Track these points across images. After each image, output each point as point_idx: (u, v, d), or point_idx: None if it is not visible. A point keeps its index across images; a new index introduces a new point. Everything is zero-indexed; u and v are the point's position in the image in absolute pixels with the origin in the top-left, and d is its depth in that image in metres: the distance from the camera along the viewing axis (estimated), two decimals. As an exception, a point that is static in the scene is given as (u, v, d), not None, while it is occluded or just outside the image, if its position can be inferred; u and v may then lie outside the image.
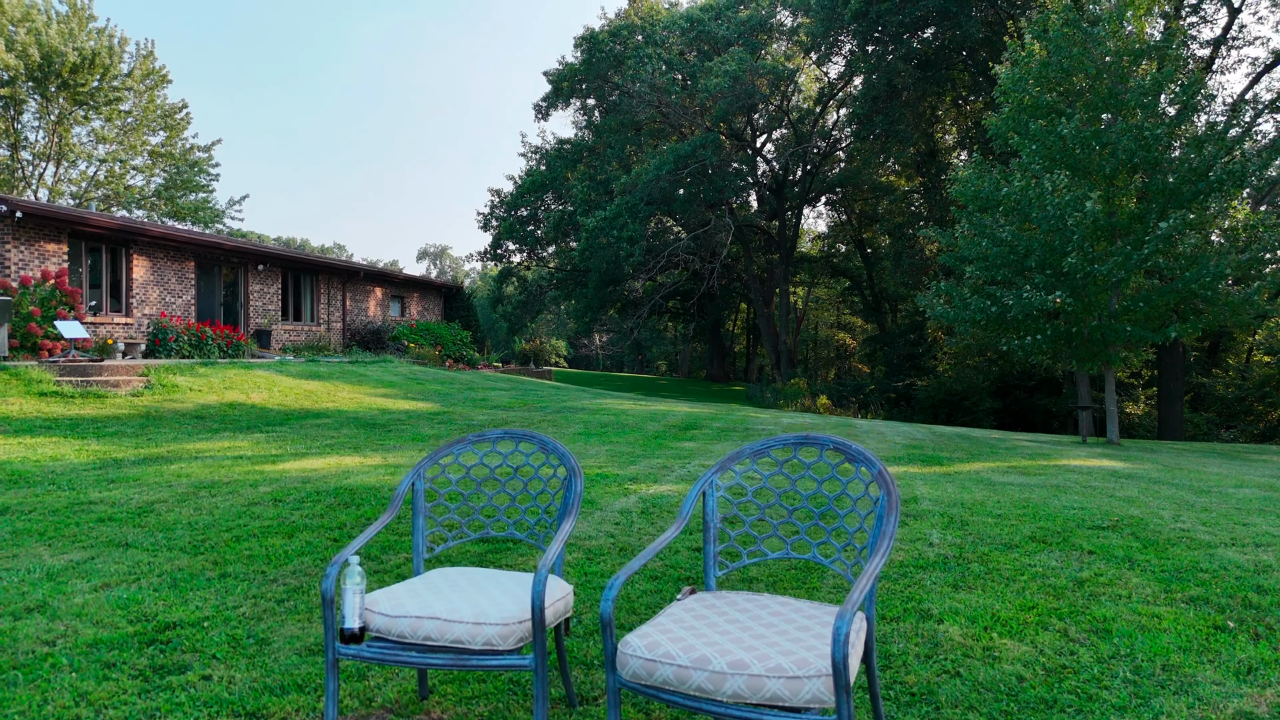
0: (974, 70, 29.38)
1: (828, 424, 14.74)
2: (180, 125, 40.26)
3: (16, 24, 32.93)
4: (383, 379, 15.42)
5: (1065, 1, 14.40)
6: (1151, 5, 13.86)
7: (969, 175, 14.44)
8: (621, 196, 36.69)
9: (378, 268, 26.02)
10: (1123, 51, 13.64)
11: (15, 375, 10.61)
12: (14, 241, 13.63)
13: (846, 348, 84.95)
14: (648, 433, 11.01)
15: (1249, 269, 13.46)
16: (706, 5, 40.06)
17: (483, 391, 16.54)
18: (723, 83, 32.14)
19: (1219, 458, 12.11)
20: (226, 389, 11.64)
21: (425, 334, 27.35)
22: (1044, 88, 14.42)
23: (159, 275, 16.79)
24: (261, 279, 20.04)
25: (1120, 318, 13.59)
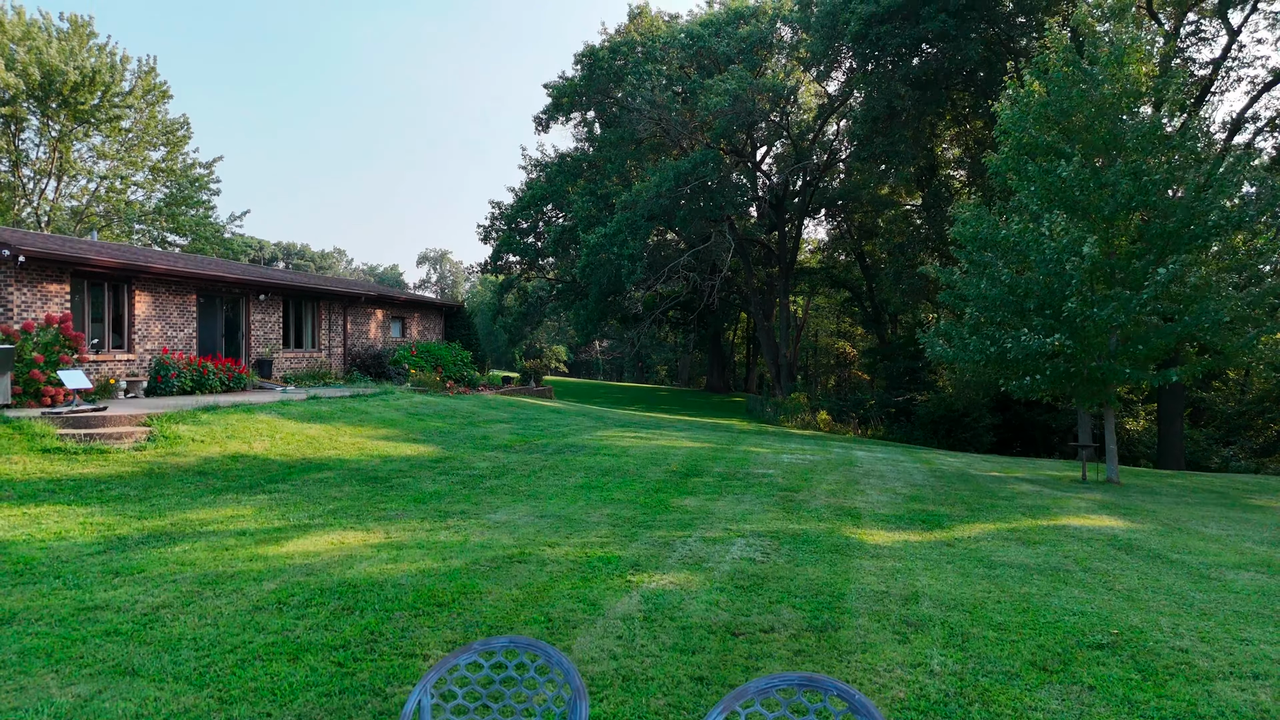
0: (974, 91, 29.45)
1: (831, 461, 14.75)
2: (181, 141, 40.34)
3: (17, 42, 32.99)
4: (384, 417, 15.45)
5: (1065, 42, 14.43)
6: (1150, 48, 13.89)
7: (967, 216, 14.48)
8: (622, 213, 36.74)
9: (379, 291, 26.07)
10: (1121, 94, 13.69)
11: (18, 429, 10.65)
12: (16, 284, 13.67)
13: (847, 356, 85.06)
14: (649, 483, 11.03)
15: (1249, 309, 13.49)
16: (707, 21, 40.14)
17: (484, 426, 16.56)
18: (723, 101, 32.20)
19: (1218, 505, 12.13)
20: (229, 438, 11.67)
21: (426, 356, 27.37)
22: (1042, 128, 14.46)
23: (161, 310, 16.83)
24: (263, 308, 20.08)
25: (1119, 358, 13.62)
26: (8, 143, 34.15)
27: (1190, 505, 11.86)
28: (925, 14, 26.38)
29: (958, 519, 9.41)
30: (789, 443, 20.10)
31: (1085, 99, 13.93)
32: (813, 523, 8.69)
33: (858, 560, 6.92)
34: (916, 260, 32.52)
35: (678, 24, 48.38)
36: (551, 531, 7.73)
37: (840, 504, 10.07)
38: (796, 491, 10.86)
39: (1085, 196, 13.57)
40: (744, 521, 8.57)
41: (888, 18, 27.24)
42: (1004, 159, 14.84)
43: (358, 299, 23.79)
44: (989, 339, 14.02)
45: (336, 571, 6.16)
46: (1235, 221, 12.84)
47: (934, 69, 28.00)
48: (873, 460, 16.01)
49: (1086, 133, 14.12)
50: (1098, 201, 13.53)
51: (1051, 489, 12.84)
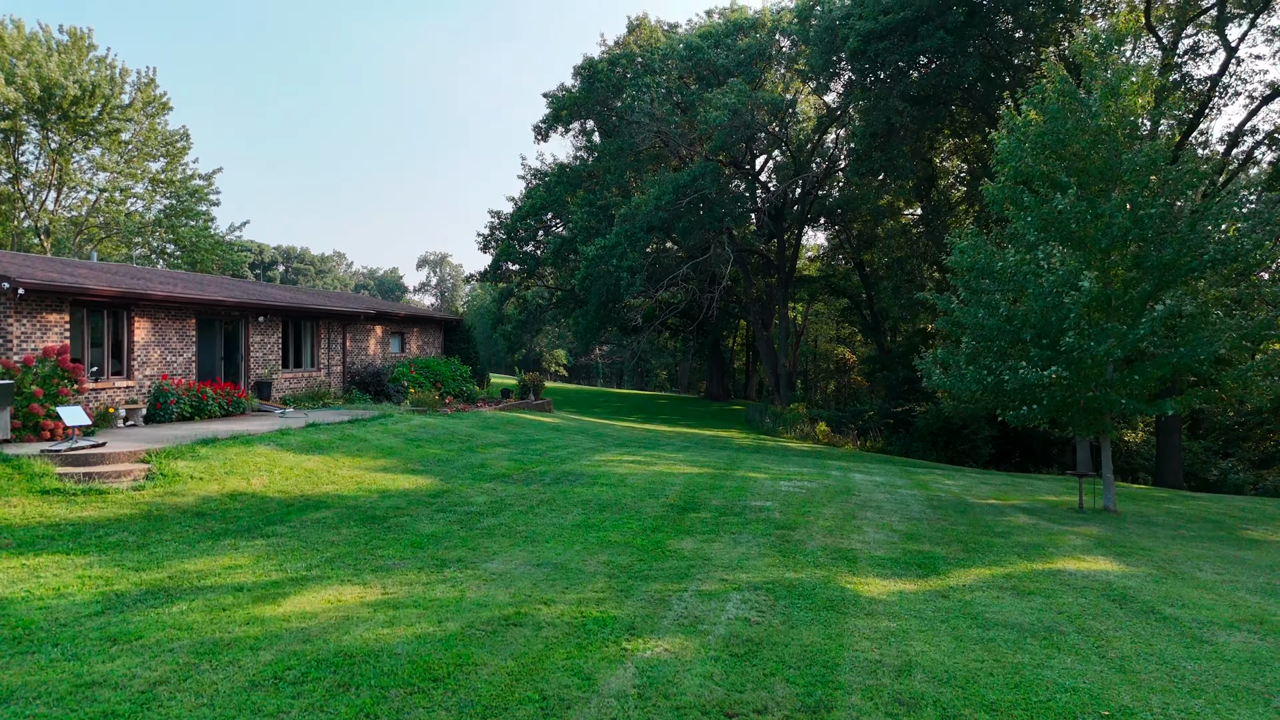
0: (971, 106, 29.50)
1: (828, 490, 14.78)
2: (180, 152, 40.41)
3: (17, 56, 33.04)
4: (382, 445, 15.48)
5: (1061, 73, 14.47)
6: (1145, 82, 13.94)
7: (965, 245, 14.53)
8: (621, 225, 36.79)
9: (378, 308, 26.11)
10: (1117, 126, 13.74)
11: (17, 468, 10.68)
12: (16, 315, 13.71)
13: (846, 362, 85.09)
14: (646, 520, 11.06)
15: (1245, 340, 13.53)
16: (705, 32, 40.21)
17: (481, 452, 16.59)
18: (722, 116, 32.26)
19: (1213, 540, 12.16)
20: (228, 474, 11.71)
21: (425, 372, 27.41)
22: (1039, 158, 14.51)
23: (160, 335, 16.87)
24: (262, 330, 20.12)
25: (1115, 387, 13.67)
26: (7, 155, 34.20)
27: (1186, 541, 11.89)
28: (924, 31, 26.44)
29: (953, 562, 9.44)
30: (787, 464, 20.11)
31: (1081, 129, 13.99)
32: (809, 570, 8.72)
33: (853, 620, 6.95)
34: (916, 274, 32.57)
35: (677, 34, 48.47)
36: (548, 585, 7.76)
37: (837, 544, 10.11)
38: (793, 529, 10.89)
39: (1081, 228, 13.62)
40: (740, 569, 8.60)
41: (886, 34, 27.30)
42: (1000, 188, 14.89)
43: (357, 317, 23.83)
44: (986, 369, 14.06)
45: (333, 637, 6.19)
46: (1231, 255, 12.88)
47: (932, 85, 28.05)
48: (870, 487, 16.04)
49: (1083, 162, 14.18)
50: (1094, 233, 13.58)
51: (1048, 521, 12.87)
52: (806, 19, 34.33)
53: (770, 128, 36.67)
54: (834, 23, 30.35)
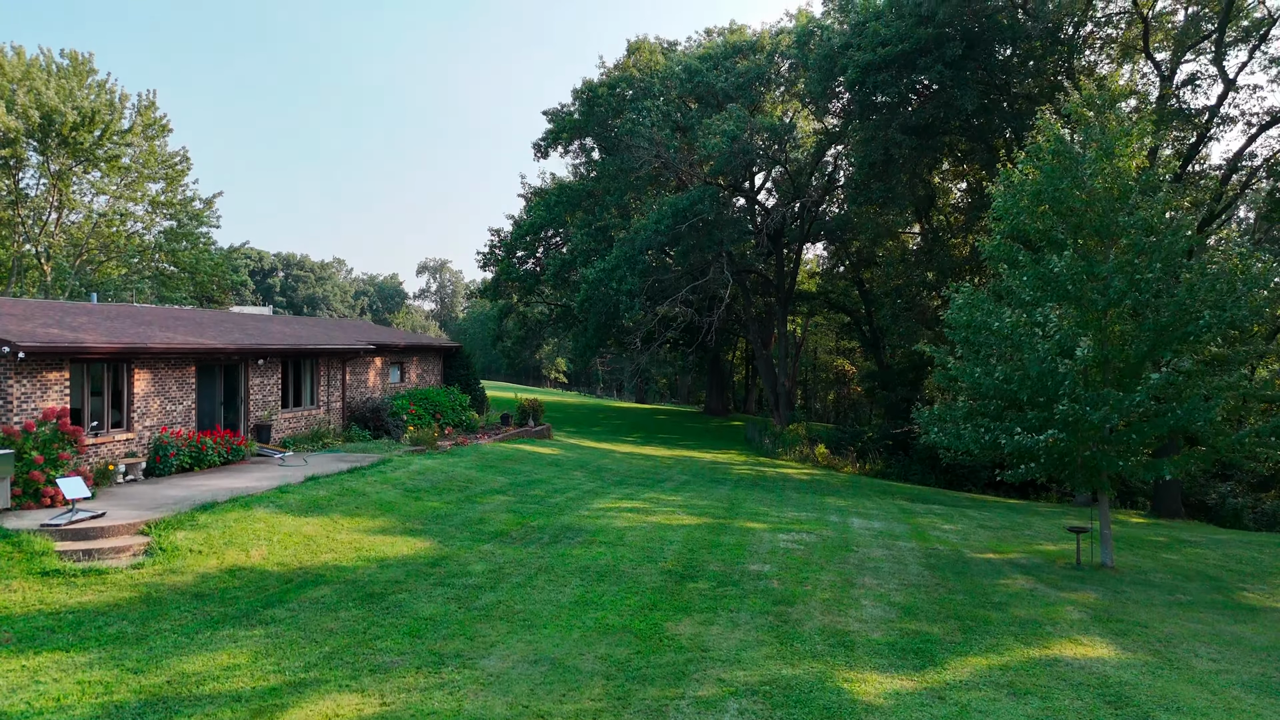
0: (969, 135, 29.59)
1: (828, 545, 14.81)
2: (179, 173, 40.48)
3: (17, 83, 33.10)
4: (381, 499, 15.51)
5: (1056, 130, 14.52)
6: (1141, 139, 13.99)
7: (961, 303, 14.56)
8: (620, 248, 36.86)
9: (379, 340, 26.15)
10: (1113, 187, 13.79)
11: (17, 546, 10.72)
12: (16, 377, 13.75)
13: (846, 373, 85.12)
14: (645, 593, 11.09)
15: (1242, 400, 13.57)
16: (705, 55, 40.28)
17: (481, 502, 16.63)
18: (721, 143, 32.34)
19: (1211, 608, 12.19)
20: (227, 545, 11.74)
21: (424, 403, 27.45)
22: (1035, 217, 14.57)
23: (160, 385, 16.91)
24: (262, 372, 20.17)
25: (1112, 443, 13.72)
26: (8, 179, 34.25)
27: (1183, 609, 11.91)
28: (922, 64, 26.52)
29: (950, 648, 9.47)
30: (786, 506, 20.11)
31: (1077, 187, 14.04)
32: (806, 662, 8.75)
33: (848, 737, 6.98)
34: (915, 301, 32.63)
35: (676, 53, 48.53)
36: (545, 691, 7.80)
37: (834, 623, 10.14)
38: (791, 605, 10.92)
39: (1078, 289, 13.67)
40: (737, 664, 8.64)
41: (884, 66, 27.38)
42: (996, 245, 14.94)
43: (357, 353, 23.88)
44: (983, 429, 14.10)
45: (331, 769, 6.22)
46: (1228, 321, 12.92)
47: (930, 115, 28.13)
48: (869, 538, 16.06)
49: (1079, 218, 14.23)
50: (1091, 294, 13.63)
51: (1046, 585, 12.89)
52: (805, 44, 34.40)
53: (769, 151, 36.74)
54: (833, 50, 30.43)
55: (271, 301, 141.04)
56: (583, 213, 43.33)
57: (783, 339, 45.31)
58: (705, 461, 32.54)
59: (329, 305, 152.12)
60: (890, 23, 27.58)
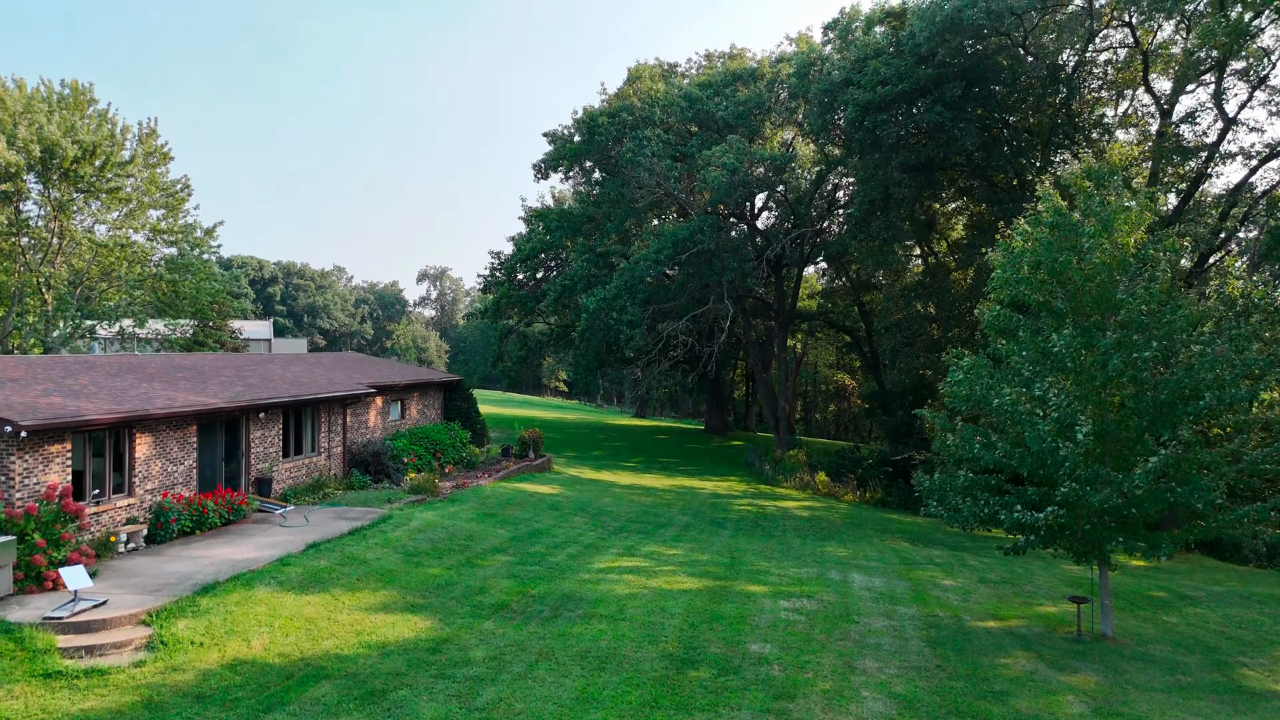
0: (969, 171, 29.64)
1: (829, 616, 14.83)
2: (180, 200, 40.53)
3: (19, 117, 33.15)
4: (382, 566, 15.53)
5: (1056, 203, 14.57)
6: (1140, 219, 14.04)
7: (960, 379, 14.61)
8: (620, 277, 36.91)
9: (380, 381, 26.20)
10: (1111, 263, 13.82)
11: (19, 643, 10.75)
12: (18, 453, 13.79)
13: (846, 388, 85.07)
14: (646, 685, 11.10)
15: (1241, 476, 13.60)
16: (705, 82, 40.34)
17: (481, 566, 16.64)
18: (721, 176, 32.41)
19: (1211, 688, 12.20)
20: (228, 634, 11.76)
21: (424, 442, 27.51)
22: (1034, 288, 14.62)
23: (161, 447, 16.95)
24: (263, 425, 20.20)
25: (1111, 513, 13.75)
26: (8, 212, 34.28)
27: (1184, 698, 11.91)
28: (922, 104, 26.57)
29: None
30: (787, 559, 20.11)
31: (1076, 260, 14.08)
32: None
33: None
34: (917, 337, 32.66)
35: (676, 76, 48.61)
36: (547, 823, 7.81)
37: (835, 725, 10.17)
38: (792, 699, 10.94)
39: (1077, 364, 13.71)
40: (738, 783, 8.65)
41: (884, 106, 27.44)
42: (996, 316, 14.99)
43: (359, 397, 23.91)
44: (982, 502, 14.14)
45: None
46: (1227, 401, 12.96)
47: (929, 154, 28.19)
48: (870, 603, 16.07)
49: (1077, 289, 14.27)
50: (1090, 369, 13.67)
51: (1047, 665, 12.89)
52: (805, 75, 34.47)
53: (769, 180, 36.79)
54: (833, 84, 30.48)
55: (272, 312, 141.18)
56: (583, 238, 43.37)
57: (783, 363, 45.33)
58: (705, 495, 32.54)
59: (329, 314, 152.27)
60: (890, 60, 27.63)
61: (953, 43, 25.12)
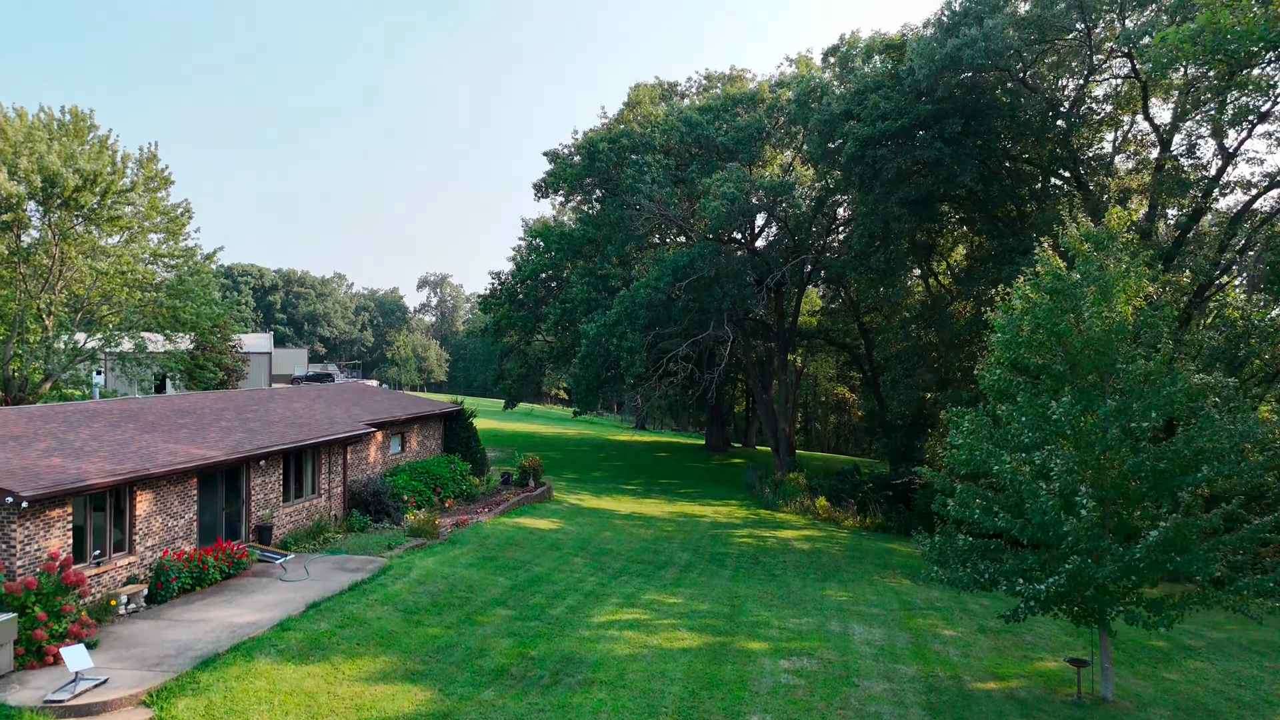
0: (969, 204, 29.68)
1: (831, 676, 14.84)
2: (180, 224, 40.59)
3: (19, 147, 33.22)
4: (383, 628, 15.53)
5: (1055, 265, 14.59)
6: (1139, 287, 14.07)
7: (961, 444, 14.62)
8: (620, 304, 36.95)
9: (381, 418, 26.22)
10: (1111, 331, 13.84)
11: (19, 729, 10.76)
12: (19, 521, 13.82)
13: (846, 400, 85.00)
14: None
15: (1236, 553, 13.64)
16: (704, 107, 40.40)
17: (481, 622, 16.64)
18: (721, 207, 32.44)
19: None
20: (229, 714, 11.76)
21: (424, 477, 27.55)
22: (1033, 351, 14.64)
23: (162, 503, 16.97)
24: (263, 472, 20.23)
25: (1114, 581, 13.76)
26: (9, 241, 34.32)
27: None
28: (921, 139, 26.60)
29: None
30: (787, 608, 20.08)
31: (1076, 327, 14.10)
32: None
33: None
34: (916, 369, 32.68)
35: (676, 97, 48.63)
36: None
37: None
38: (791, 784, 10.95)
39: (1076, 431, 13.73)
40: None
41: (884, 140, 27.48)
42: (996, 380, 15.01)
43: (359, 437, 23.94)
44: (983, 567, 14.16)
45: None
46: (1226, 473, 12.99)
47: (929, 188, 28.23)
48: (870, 658, 16.06)
49: (1077, 354, 14.29)
50: (1089, 435, 13.69)
51: (1045, 737, 12.91)
52: (805, 103, 34.52)
53: (769, 206, 36.83)
54: (833, 116, 30.52)
55: (273, 320, 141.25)
56: (583, 260, 43.40)
57: (783, 384, 45.34)
58: (705, 525, 32.54)
59: (330, 322, 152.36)
60: (889, 94, 27.67)
61: (952, 80, 25.17)
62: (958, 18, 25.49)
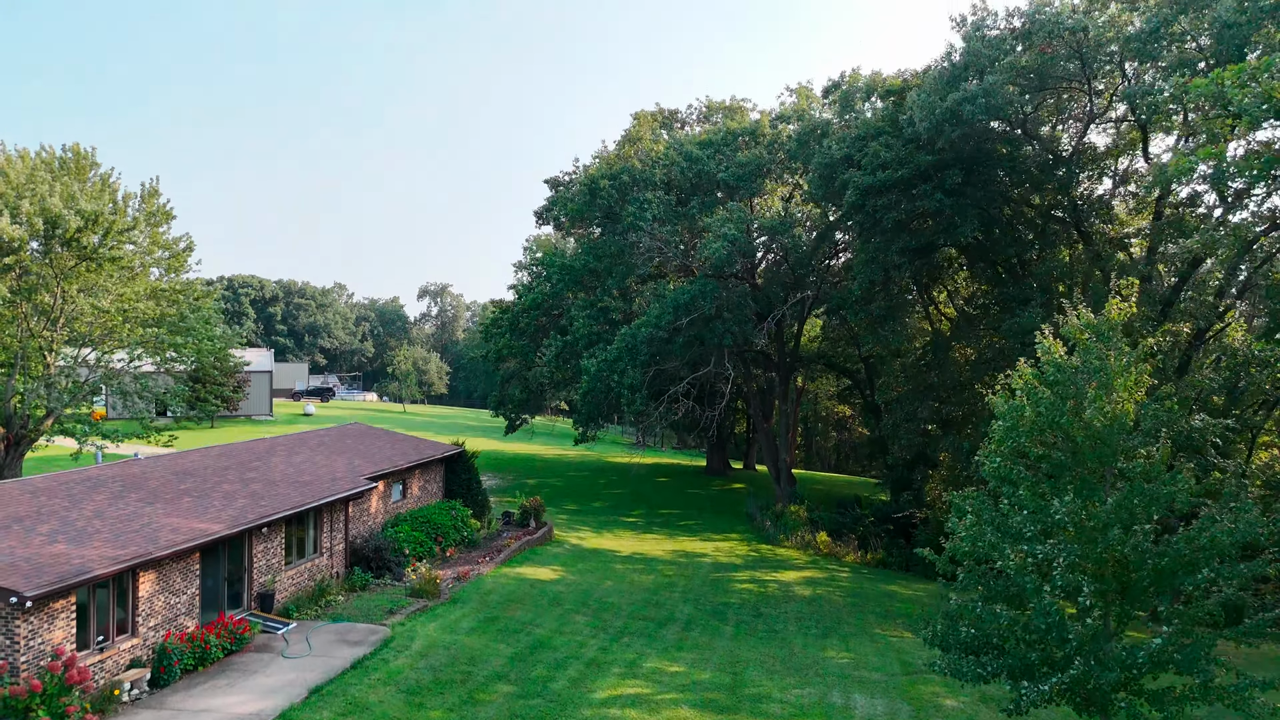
0: (970, 252, 29.75)
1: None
2: (182, 258, 40.66)
3: (21, 189, 33.30)
4: (385, 713, 15.56)
5: (1056, 354, 14.63)
6: (1140, 382, 14.11)
7: (965, 535, 14.65)
8: (621, 340, 37.01)
9: (383, 470, 26.27)
10: (1112, 427, 13.87)
11: None
12: (24, 617, 13.86)
13: (847, 419, 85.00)
14: None
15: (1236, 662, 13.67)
16: (705, 141, 40.46)
17: (483, 703, 16.66)
18: (721, 249, 32.50)
19: None
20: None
21: (426, 527, 27.61)
22: (1034, 442, 14.68)
23: (165, 582, 17.01)
24: (266, 539, 20.28)
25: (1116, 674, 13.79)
26: (10, 281, 34.37)
27: None
28: (921, 190, 26.66)
29: None
30: (789, 676, 20.08)
31: (1077, 420, 14.13)
32: None
33: None
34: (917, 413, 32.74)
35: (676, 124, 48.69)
36: None
37: None
38: None
39: (1078, 529, 13.76)
40: None
41: (884, 190, 27.54)
42: (997, 468, 15.04)
43: (360, 495, 23.98)
44: (986, 661, 14.19)
45: None
46: (1227, 576, 13.03)
47: (929, 238, 28.30)
48: None
49: (1077, 447, 14.32)
50: (1090, 532, 13.72)
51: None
52: (806, 143, 34.60)
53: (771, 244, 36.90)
54: (833, 160, 30.59)
55: (273, 332, 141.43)
56: (584, 293, 43.43)
57: (783, 415, 45.38)
58: (707, 567, 32.51)
59: (330, 333, 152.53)
60: (889, 143, 27.75)
61: (952, 133, 25.25)
62: (958, 70, 25.57)
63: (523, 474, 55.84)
